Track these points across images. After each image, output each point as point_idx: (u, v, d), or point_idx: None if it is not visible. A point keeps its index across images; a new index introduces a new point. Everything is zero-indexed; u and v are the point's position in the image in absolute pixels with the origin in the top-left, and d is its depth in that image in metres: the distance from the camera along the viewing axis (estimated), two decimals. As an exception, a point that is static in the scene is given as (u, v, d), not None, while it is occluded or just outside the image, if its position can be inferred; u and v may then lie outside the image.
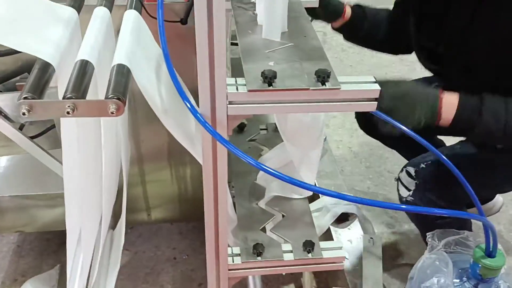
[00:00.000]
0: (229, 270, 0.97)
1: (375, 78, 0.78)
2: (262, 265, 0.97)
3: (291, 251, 1.00)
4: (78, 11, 1.00)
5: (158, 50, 1.01)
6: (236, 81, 0.76)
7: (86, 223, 1.12)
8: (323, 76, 0.75)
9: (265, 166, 0.71)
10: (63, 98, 0.73)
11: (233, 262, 0.97)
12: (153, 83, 0.90)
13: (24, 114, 0.71)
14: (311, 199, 1.56)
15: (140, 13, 1.02)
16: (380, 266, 1.24)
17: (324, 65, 0.80)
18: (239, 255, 0.98)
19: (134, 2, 1.03)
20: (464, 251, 1.13)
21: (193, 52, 1.21)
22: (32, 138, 1.27)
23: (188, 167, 1.46)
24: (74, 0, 1.02)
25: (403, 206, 1.47)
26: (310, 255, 0.99)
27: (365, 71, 2.77)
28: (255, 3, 1.00)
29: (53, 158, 1.30)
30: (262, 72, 0.75)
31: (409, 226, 1.78)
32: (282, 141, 1.10)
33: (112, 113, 0.73)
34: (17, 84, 1.21)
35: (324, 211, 1.37)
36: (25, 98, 0.71)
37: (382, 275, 1.23)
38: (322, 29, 3.15)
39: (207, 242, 0.93)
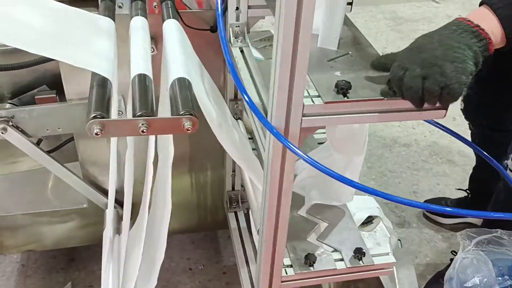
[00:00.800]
0: (282, 282, 0.95)
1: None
2: (315, 275, 0.96)
3: (342, 259, 0.99)
4: (114, 20, 0.95)
5: (198, 59, 0.98)
6: (308, 93, 0.74)
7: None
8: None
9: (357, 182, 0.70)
10: (134, 116, 0.69)
11: (286, 274, 0.95)
12: (204, 94, 0.87)
13: (97, 134, 0.66)
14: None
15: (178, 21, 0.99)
16: (413, 268, 1.25)
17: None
18: (291, 266, 0.97)
19: (170, 11, 0.99)
20: (497, 249, 1.15)
21: (221, 59, 1.20)
22: (49, 152, 1.21)
23: (198, 177, 1.43)
24: (107, 10, 0.98)
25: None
26: (361, 262, 0.99)
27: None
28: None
29: (70, 172, 1.24)
30: (337, 84, 0.73)
31: (418, 225, 1.81)
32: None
33: (187, 130, 0.70)
34: (36, 97, 1.15)
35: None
36: (94, 117, 0.67)
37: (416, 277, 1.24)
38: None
39: (263, 255, 0.91)
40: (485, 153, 0.96)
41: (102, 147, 1.25)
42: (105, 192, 1.32)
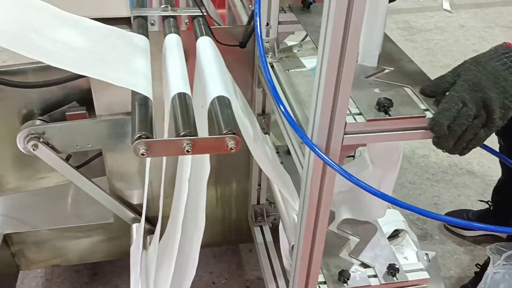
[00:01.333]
0: (317, 299, 0.95)
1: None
2: (349, 292, 0.96)
3: (376, 276, 0.98)
4: (148, 37, 0.96)
5: (230, 76, 0.98)
6: (350, 111, 0.74)
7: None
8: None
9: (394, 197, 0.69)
10: (178, 135, 0.69)
11: (321, 291, 0.95)
12: (241, 111, 0.87)
13: (143, 154, 0.67)
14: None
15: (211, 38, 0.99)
16: (442, 283, 1.24)
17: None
18: (324, 282, 0.96)
19: (203, 28, 1.00)
20: (530, 264, 1.14)
21: (250, 75, 1.20)
22: (77, 168, 1.21)
23: (223, 190, 1.43)
24: (140, 27, 0.98)
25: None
26: (395, 278, 0.98)
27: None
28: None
29: (98, 187, 1.24)
30: (378, 101, 0.73)
31: (440, 237, 1.80)
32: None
33: (231, 149, 0.70)
34: (67, 114, 1.16)
35: (374, 228, 1.36)
36: (139, 137, 0.68)
37: (446, 292, 1.23)
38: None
39: (298, 271, 0.91)
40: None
41: (129, 162, 1.25)
42: (131, 207, 1.32)
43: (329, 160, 0.71)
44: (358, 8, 0.62)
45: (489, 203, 1.81)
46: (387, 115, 0.73)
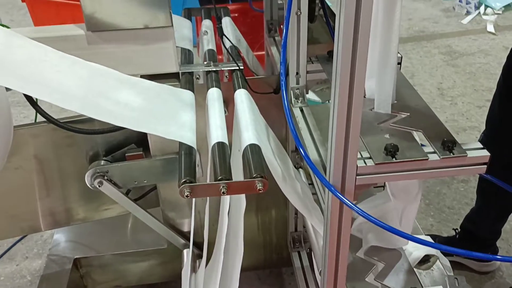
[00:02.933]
0: (344, 320, 1.06)
1: (481, 144, 0.88)
2: (375, 315, 1.06)
3: (399, 298, 1.08)
4: (193, 91, 1.13)
5: (264, 121, 1.13)
6: (361, 155, 0.87)
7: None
8: (450, 146, 0.85)
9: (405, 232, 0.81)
10: (215, 180, 0.85)
11: (347, 313, 1.05)
12: (271, 154, 1.01)
13: (187, 196, 0.82)
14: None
15: (246, 89, 1.15)
16: (470, 306, 1.31)
17: (445, 133, 0.90)
18: (351, 306, 1.07)
19: (240, 81, 1.16)
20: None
21: (283, 116, 1.35)
22: (135, 200, 1.39)
23: (264, 217, 1.56)
24: (187, 83, 1.16)
25: None
26: (416, 300, 1.07)
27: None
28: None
29: (153, 216, 1.42)
30: (386, 146, 0.85)
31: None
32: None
33: (259, 190, 0.84)
34: (126, 154, 1.34)
35: (406, 253, 1.45)
36: (184, 182, 0.83)
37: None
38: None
39: (326, 295, 1.02)
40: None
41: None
42: (182, 234, 1.49)
43: (344, 199, 0.84)
44: (361, 69, 0.75)
45: (456, 230, 1.85)
46: (393, 159, 0.85)
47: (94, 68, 1.01)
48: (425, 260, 1.49)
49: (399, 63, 1.26)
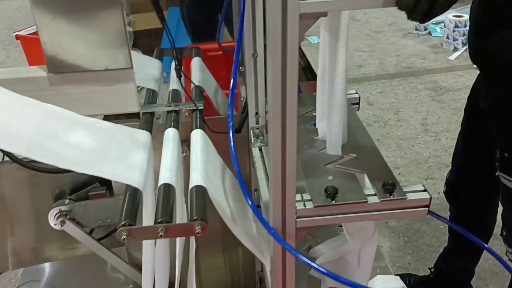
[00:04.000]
0: None
1: (423, 186, 0.89)
2: None
3: None
4: (150, 132, 1.14)
5: (220, 161, 1.14)
6: (302, 197, 0.87)
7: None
8: (390, 188, 0.85)
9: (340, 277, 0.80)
10: (155, 223, 0.85)
11: None
12: (222, 195, 1.01)
13: (124, 239, 0.82)
14: (359, 282, 1.62)
15: (204, 129, 1.16)
16: None
17: (388, 175, 0.90)
18: None
19: (198, 121, 1.17)
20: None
21: (247, 156, 1.36)
22: (99, 240, 1.39)
23: (231, 256, 1.55)
24: (146, 123, 1.17)
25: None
26: None
27: (392, 144, 2.88)
28: (307, 116, 1.13)
29: (117, 256, 1.41)
30: (326, 188, 0.86)
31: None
32: (331, 233, 1.19)
33: (197, 233, 0.84)
34: (90, 193, 1.35)
35: (373, 294, 1.43)
36: (123, 225, 0.83)
37: None
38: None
39: None
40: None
41: (145, 233, 1.42)
42: (148, 274, 1.47)
43: (283, 241, 0.83)
44: (291, 113, 0.76)
45: (431, 270, 1.83)
46: (333, 201, 0.85)
47: (49, 110, 1.02)
48: (393, 300, 1.47)
49: (357, 103, 1.28)
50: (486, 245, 1.13)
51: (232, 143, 0.94)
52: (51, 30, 1.11)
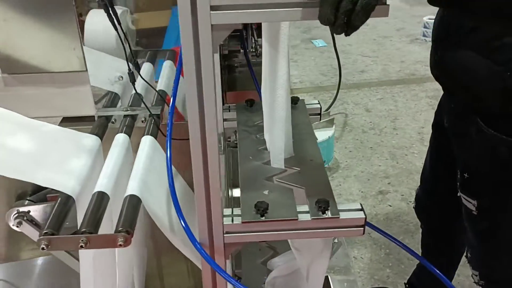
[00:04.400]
0: None
1: (361, 205, 0.85)
2: None
3: None
4: (101, 137, 1.12)
5: (174, 170, 1.11)
6: (232, 212, 0.84)
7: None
8: (323, 206, 0.82)
9: None
10: (78, 232, 0.83)
11: None
12: (163, 205, 0.99)
13: (43, 248, 0.80)
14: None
15: (156, 136, 1.14)
16: None
17: (326, 192, 0.87)
18: None
19: (151, 128, 1.15)
20: None
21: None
22: (60, 242, 1.37)
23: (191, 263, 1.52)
24: (98, 127, 1.15)
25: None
26: None
27: (385, 153, 2.83)
28: (260, 125, 1.10)
29: (73, 257, 1.40)
30: (256, 204, 0.83)
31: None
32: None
33: (120, 245, 0.82)
34: (48, 195, 1.33)
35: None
36: (45, 233, 0.82)
37: None
38: (343, 111, 3.27)
39: None
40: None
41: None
42: (109, 278, 1.46)
43: (203, 252, 0.80)
44: (210, 125, 0.73)
45: (406, 285, 1.80)
46: (262, 217, 0.82)
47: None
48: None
49: (319, 114, 1.25)
50: (436, 269, 1.10)
51: (168, 151, 0.92)
52: (3, 31, 1.10)
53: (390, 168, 2.68)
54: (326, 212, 0.82)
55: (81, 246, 0.81)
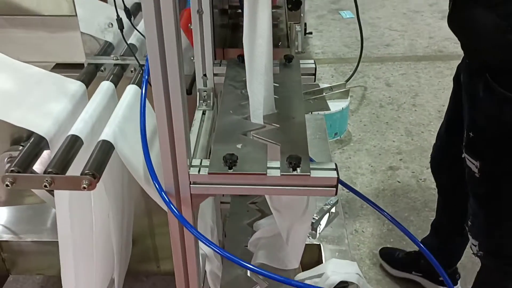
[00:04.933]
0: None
1: (335, 165, 0.81)
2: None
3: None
4: (88, 84, 1.10)
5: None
6: (201, 163, 0.81)
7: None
8: (294, 162, 0.78)
9: (240, 260, 0.74)
10: (45, 172, 0.81)
11: (208, 329, 1.00)
12: (138, 155, 0.96)
13: (7, 185, 0.79)
14: (316, 263, 1.56)
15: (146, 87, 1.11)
16: None
17: (301, 149, 0.83)
18: (215, 322, 1.01)
19: (138, 77, 1.12)
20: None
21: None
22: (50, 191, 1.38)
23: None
24: (86, 74, 1.13)
25: None
26: (284, 329, 1.00)
27: (401, 129, 2.75)
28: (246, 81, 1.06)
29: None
30: (224, 156, 0.79)
31: None
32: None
33: (84, 187, 0.80)
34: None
35: (324, 277, 1.37)
36: (11, 171, 0.81)
37: None
38: (363, 84, 3.18)
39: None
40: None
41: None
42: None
43: (168, 201, 0.78)
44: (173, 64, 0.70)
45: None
46: (230, 170, 0.79)
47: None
48: (342, 287, 1.40)
49: (313, 74, 1.20)
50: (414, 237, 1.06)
51: (143, 99, 0.89)
52: (-7, -30, 1.09)
53: (404, 144, 2.60)
54: (297, 169, 0.78)
55: (45, 186, 0.79)
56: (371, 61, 3.54)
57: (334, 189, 0.80)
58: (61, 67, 1.27)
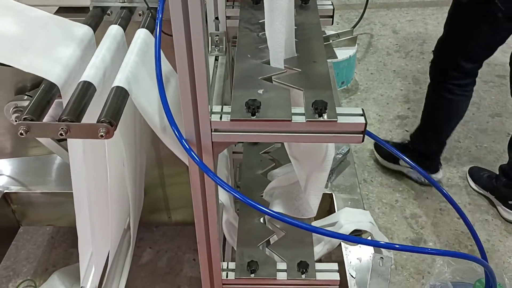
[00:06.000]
0: (223, 284, 1.00)
1: (362, 110, 0.77)
2: (254, 283, 0.99)
3: (285, 270, 1.00)
4: (95, 29, 1.05)
5: (168, 68, 1.04)
6: (222, 109, 0.78)
7: (96, 224, 1.18)
8: (320, 108, 0.75)
9: (257, 204, 0.72)
10: (59, 120, 0.78)
11: (227, 277, 0.99)
12: (153, 101, 0.93)
13: (22, 134, 0.76)
14: (328, 212, 1.56)
15: (153, 31, 1.06)
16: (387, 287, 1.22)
17: (326, 95, 0.79)
18: (233, 270, 1.00)
19: (148, 20, 1.07)
20: (470, 282, 1.09)
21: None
22: (59, 141, 1.35)
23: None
24: (92, 18, 1.07)
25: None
26: (303, 276, 0.99)
27: (409, 77, 2.69)
28: (263, 23, 1.00)
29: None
30: (246, 102, 0.76)
31: (434, 244, 1.73)
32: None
33: (101, 136, 0.77)
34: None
35: (337, 226, 1.36)
36: (25, 119, 0.77)
37: (387, 298, 1.21)
38: (369, 31, 3.10)
39: (200, 257, 0.96)
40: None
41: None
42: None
43: (191, 151, 0.75)
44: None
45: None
46: (253, 116, 0.75)
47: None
48: (358, 235, 1.40)
49: (331, 16, 1.14)
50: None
51: (157, 41, 0.84)
52: None
53: (412, 93, 2.56)
54: (323, 115, 0.75)
55: (61, 134, 0.76)
56: (377, 7, 3.43)
57: (361, 135, 0.77)
58: (64, 11, 1.21)
